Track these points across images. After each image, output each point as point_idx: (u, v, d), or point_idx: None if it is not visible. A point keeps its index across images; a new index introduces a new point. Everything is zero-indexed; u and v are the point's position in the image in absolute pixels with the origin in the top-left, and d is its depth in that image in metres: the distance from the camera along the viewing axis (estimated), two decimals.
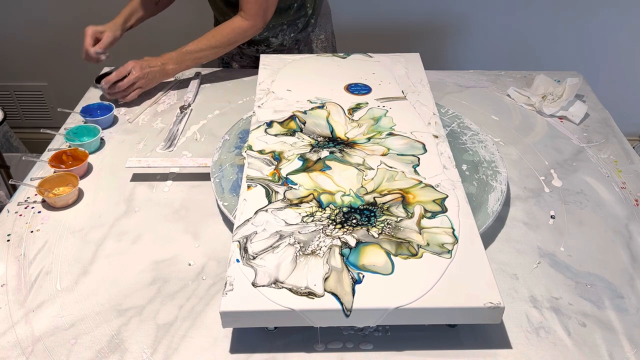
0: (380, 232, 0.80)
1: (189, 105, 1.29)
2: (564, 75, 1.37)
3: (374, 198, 0.86)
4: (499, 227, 0.96)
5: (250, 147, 0.98)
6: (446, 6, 1.92)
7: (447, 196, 0.87)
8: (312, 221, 0.82)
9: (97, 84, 1.27)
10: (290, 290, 0.72)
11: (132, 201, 1.01)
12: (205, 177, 1.05)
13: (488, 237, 0.93)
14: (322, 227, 0.81)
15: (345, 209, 0.84)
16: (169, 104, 1.30)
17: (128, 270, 0.87)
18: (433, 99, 1.12)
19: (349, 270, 0.74)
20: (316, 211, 0.84)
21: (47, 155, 1.10)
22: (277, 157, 0.95)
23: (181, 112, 1.26)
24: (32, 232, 0.94)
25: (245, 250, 0.77)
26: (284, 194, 0.87)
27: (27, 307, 0.81)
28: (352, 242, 0.78)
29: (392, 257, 0.76)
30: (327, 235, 0.79)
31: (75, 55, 2.08)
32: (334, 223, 0.82)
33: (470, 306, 0.71)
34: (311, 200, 0.86)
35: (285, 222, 0.82)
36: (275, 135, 1.01)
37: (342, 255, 0.76)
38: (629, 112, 2.14)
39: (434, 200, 0.86)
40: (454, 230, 0.81)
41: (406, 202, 0.86)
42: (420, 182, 0.90)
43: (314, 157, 0.96)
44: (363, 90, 1.15)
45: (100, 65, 1.38)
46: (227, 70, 1.44)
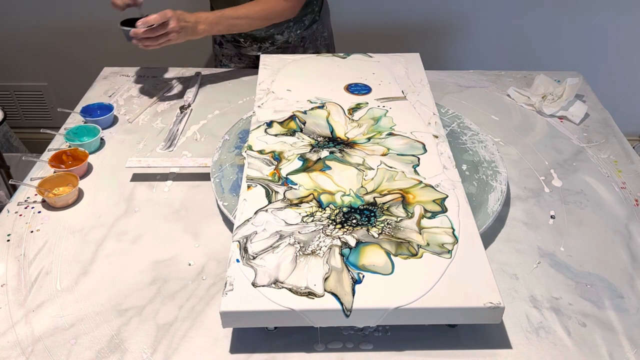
0: (380, 232, 0.80)
1: (189, 105, 1.29)
2: (564, 75, 1.37)
3: (374, 198, 0.86)
4: (499, 227, 0.96)
5: (250, 147, 0.98)
6: (446, 6, 1.92)
7: (447, 196, 0.87)
8: (312, 221, 0.82)
9: (123, 27, 1.19)
10: (290, 290, 0.72)
11: (132, 201, 1.01)
12: (205, 177, 1.05)
13: (488, 237, 0.93)
14: (322, 227, 0.81)
15: (345, 209, 0.84)
16: (169, 104, 1.30)
17: (128, 270, 0.87)
18: (433, 99, 1.12)
19: (349, 270, 0.74)
20: (316, 211, 0.84)
21: (47, 155, 1.10)
22: (277, 157, 0.95)
23: (181, 112, 1.26)
24: (32, 232, 0.94)
25: (245, 250, 0.77)
26: (284, 194, 0.87)
27: (27, 307, 0.81)
28: (352, 242, 0.78)
29: (392, 257, 0.76)
30: (327, 235, 0.79)
31: (75, 55, 2.09)
32: (334, 223, 0.82)
33: (470, 306, 0.71)
34: (311, 200, 0.86)
35: (285, 222, 0.82)
36: (275, 135, 1.01)
37: (342, 255, 0.76)
38: (629, 112, 2.14)
39: (434, 200, 0.86)
40: (454, 230, 0.81)
41: (406, 202, 0.86)
42: (420, 182, 0.90)
43: (314, 157, 0.96)
44: (363, 90, 1.15)
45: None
46: (227, 70, 1.44)
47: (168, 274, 0.87)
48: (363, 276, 0.73)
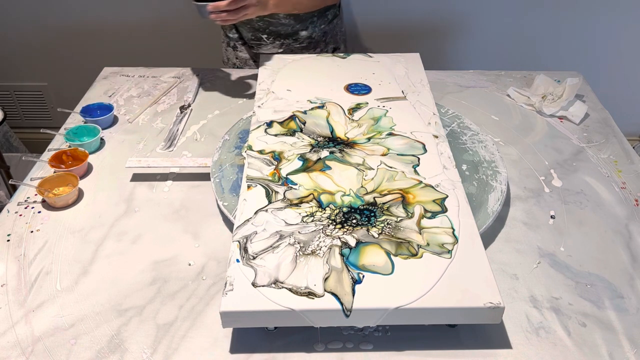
0: (380, 232, 0.80)
1: (189, 105, 1.29)
2: (564, 75, 1.37)
3: (374, 198, 0.86)
4: (499, 227, 0.96)
5: (250, 147, 0.98)
6: (446, 6, 1.92)
7: (447, 196, 0.87)
8: (312, 221, 0.82)
9: (197, 2, 1.14)
10: (290, 290, 0.72)
11: (132, 201, 1.01)
12: (205, 177, 1.05)
13: (488, 237, 0.93)
14: (322, 227, 0.81)
15: (345, 209, 0.84)
16: (169, 104, 1.30)
17: (128, 270, 0.87)
18: (433, 99, 1.13)
19: (349, 270, 0.74)
20: (316, 211, 0.84)
21: (47, 155, 1.10)
22: (277, 157, 0.95)
23: (181, 112, 1.26)
24: (32, 232, 0.94)
25: (245, 250, 0.77)
26: (284, 194, 0.87)
27: (27, 307, 0.81)
28: (352, 242, 0.78)
29: (392, 257, 0.76)
30: (327, 235, 0.79)
31: (75, 55, 2.09)
32: (334, 223, 0.82)
33: (470, 306, 0.71)
34: (311, 200, 0.86)
35: (285, 222, 0.82)
36: (275, 135, 1.01)
37: (342, 255, 0.76)
38: (629, 112, 2.14)
39: (434, 200, 0.86)
40: (454, 230, 0.81)
41: (406, 202, 0.86)
42: (420, 182, 0.90)
43: (314, 157, 0.96)
44: (363, 90, 1.15)
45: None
46: (227, 70, 1.44)
47: (168, 274, 0.87)
48: (363, 276, 0.73)
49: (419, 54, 1.29)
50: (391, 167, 0.93)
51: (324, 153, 0.96)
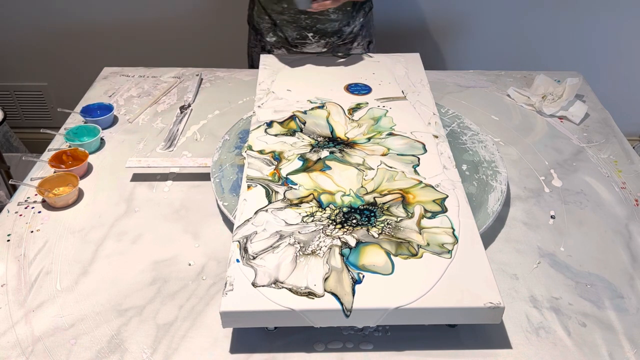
0: (380, 232, 0.80)
1: (189, 105, 1.29)
2: (564, 75, 1.37)
3: (374, 198, 0.86)
4: (499, 227, 0.96)
5: (250, 147, 0.98)
6: (446, 6, 1.92)
7: (447, 196, 0.87)
8: (312, 221, 0.82)
9: None
10: (290, 290, 0.72)
11: (132, 201, 1.01)
12: (205, 177, 1.05)
13: (488, 237, 0.93)
14: (322, 227, 0.81)
15: (345, 209, 0.84)
16: (169, 104, 1.30)
17: (128, 270, 0.87)
18: (433, 99, 1.13)
19: (349, 270, 0.74)
20: (316, 211, 0.84)
21: (47, 155, 1.10)
22: (277, 157, 0.95)
23: (181, 112, 1.26)
24: (32, 232, 0.94)
25: (245, 250, 0.77)
26: (284, 194, 0.87)
27: (27, 307, 0.81)
28: (352, 242, 0.78)
29: (392, 257, 0.76)
30: (327, 235, 0.79)
31: (75, 55, 2.09)
32: (334, 223, 0.82)
33: (470, 306, 0.71)
34: (311, 200, 0.86)
35: (285, 222, 0.82)
36: (275, 135, 1.01)
37: (342, 255, 0.76)
38: (629, 112, 2.14)
39: (434, 200, 0.86)
40: (454, 230, 0.81)
41: (406, 202, 0.86)
42: (420, 182, 0.90)
43: (314, 157, 0.96)
44: (363, 90, 1.15)
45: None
46: (227, 70, 1.44)
47: (168, 274, 0.87)
48: (363, 276, 0.73)
49: (419, 54, 1.29)
50: (391, 167, 0.93)
51: (324, 153, 0.96)
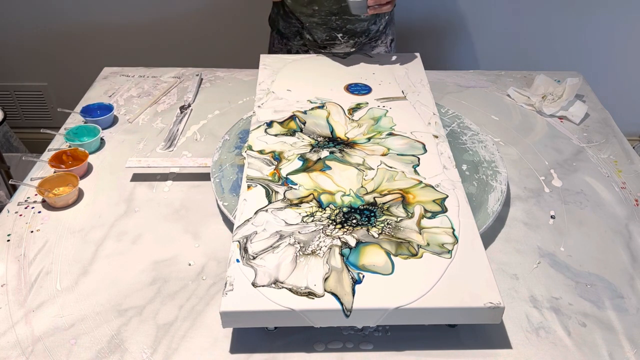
0: (380, 232, 0.80)
1: (189, 105, 1.29)
2: (564, 75, 1.37)
3: (374, 198, 0.86)
4: (499, 227, 0.96)
5: (250, 147, 0.98)
6: (446, 6, 1.92)
7: (447, 196, 0.87)
8: (312, 221, 0.82)
9: None
10: (290, 290, 0.72)
11: (132, 201, 1.01)
12: (205, 177, 1.05)
13: (488, 237, 0.93)
14: (322, 227, 0.81)
15: (345, 209, 0.84)
16: (169, 104, 1.30)
17: (128, 270, 0.87)
18: (433, 99, 1.13)
19: (349, 270, 0.74)
20: (316, 211, 0.84)
21: (47, 155, 1.10)
22: (277, 157, 0.95)
23: (181, 112, 1.26)
24: (32, 232, 0.94)
25: (245, 250, 0.77)
26: (284, 194, 0.87)
27: (27, 307, 0.81)
28: (352, 242, 0.78)
29: (392, 257, 0.76)
30: (327, 235, 0.79)
31: (75, 55, 2.09)
32: (334, 223, 0.82)
33: (470, 306, 0.71)
34: (311, 200, 0.86)
35: (285, 222, 0.82)
36: (275, 135, 1.01)
37: (342, 255, 0.76)
38: (629, 112, 2.14)
39: (434, 200, 0.86)
40: (454, 230, 0.81)
41: (406, 202, 0.86)
42: (420, 182, 0.90)
43: (314, 157, 0.96)
44: (363, 90, 1.15)
45: None
46: (227, 70, 1.44)
47: (168, 274, 0.87)
48: (363, 276, 0.73)
49: (419, 54, 1.29)
50: (391, 167, 0.93)
51: (324, 153, 0.96)
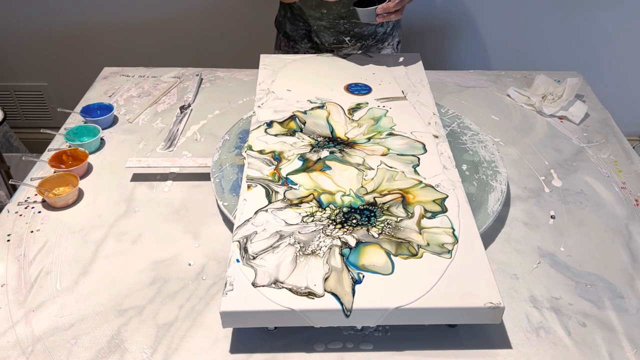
0: (380, 232, 0.80)
1: (189, 105, 1.29)
2: (564, 75, 1.37)
3: (374, 198, 0.86)
4: (499, 227, 0.96)
5: (250, 147, 0.98)
6: (446, 6, 1.92)
7: (447, 196, 0.87)
8: (312, 221, 0.82)
9: (357, 6, 1.16)
10: (290, 290, 0.72)
11: (132, 201, 1.01)
12: (205, 177, 1.05)
13: (488, 237, 0.93)
14: (322, 227, 0.81)
15: (345, 209, 0.84)
16: (169, 104, 1.30)
17: (128, 270, 0.87)
18: (433, 99, 1.13)
19: (349, 270, 0.74)
20: (316, 211, 0.84)
21: (47, 155, 1.10)
22: (277, 157, 0.95)
23: (181, 112, 1.26)
24: (32, 232, 0.94)
25: (245, 250, 0.77)
26: (284, 194, 0.87)
27: (27, 307, 0.81)
28: (352, 242, 0.78)
29: (392, 257, 0.76)
30: (327, 235, 0.79)
31: (75, 55, 2.09)
32: (334, 223, 0.82)
33: (470, 306, 0.71)
34: (311, 200, 0.86)
35: (285, 222, 0.82)
36: (275, 135, 1.01)
37: (342, 255, 0.76)
38: (629, 112, 2.14)
39: (434, 200, 0.86)
40: (454, 230, 0.81)
41: (406, 202, 0.86)
42: (420, 182, 0.90)
43: (314, 157, 0.96)
44: (363, 90, 1.15)
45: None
46: (227, 70, 1.44)
47: (168, 274, 0.87)
48: (363, 276, 0.73)
49: (419, 54, 1.29)
50: (391, 167, 0.93)
51: (324, 153, 0.96)
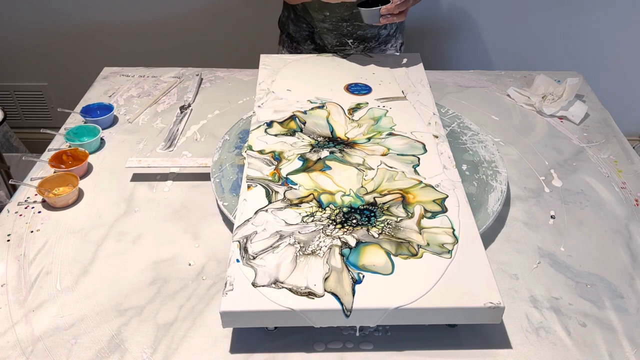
0: (380, 232, 0.80)
1: (189, 105, 1.29)
2: (564, 75, 1.37)
3: (374, 198, 0.86)
4: (499, 227, 0.96)
5: (250, 147, 0.98)
6: (446, 6, 1.92)
7: (447, 196, 0.87)
8: (312, 221, 0.82)
9: (361, 7, 1.16)
10: (290, 290, 0.72)
11: (132, 201, 1.01)
12: (205, 177, 1.05)
13: (488, 237, 0.93)
14: (322, 227, 0.81)
15: (345, 209, 0.84)
16: (169, 104, 1.30)
17: (128, 270, 0.87)
18: (433, 99, 1.13)
19: (349, 270, 0.74)
20: (316, 211, 0.84)
21: (47, 155, 1.10)
22: (277, 157, 0.95)
23: (181, 112, 1.26)
24: (32, 232, 0.94)
25: (245, 250, 0.77)
26: (284, 194, 0.87)
27: (27, 307, 0.81)
28: (352, 242, 0.78)
29: (392, 257, 0.76)
30: (327, 235, 0.79)
31: (75, 55, 2.09)
32: (334, 223, 0.82)
33: (470, 306, 0.71)
34: (311, 200, 0.86)
35: (285, 222, 0.82)
36: (275, 135, 1.01)
37: (342, 255, 0.76)
38: (629, 112, 2.14)
39: (434, 200, 0.86)
40: (454, 230, 0.81)
41: (406, 202, 0.86)
42: (420, 182, 0.90)
43: (314, 157, 0.96)
44: (363, 90, 1.15)
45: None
46: (227, 70, 1.44)
47: (168, 274, 0.87)
48: (363, 276, 0.73)
49: (419, 54, 1.29)
50: (391, 167, 0.93)
51: (324, 153, 0.96)
